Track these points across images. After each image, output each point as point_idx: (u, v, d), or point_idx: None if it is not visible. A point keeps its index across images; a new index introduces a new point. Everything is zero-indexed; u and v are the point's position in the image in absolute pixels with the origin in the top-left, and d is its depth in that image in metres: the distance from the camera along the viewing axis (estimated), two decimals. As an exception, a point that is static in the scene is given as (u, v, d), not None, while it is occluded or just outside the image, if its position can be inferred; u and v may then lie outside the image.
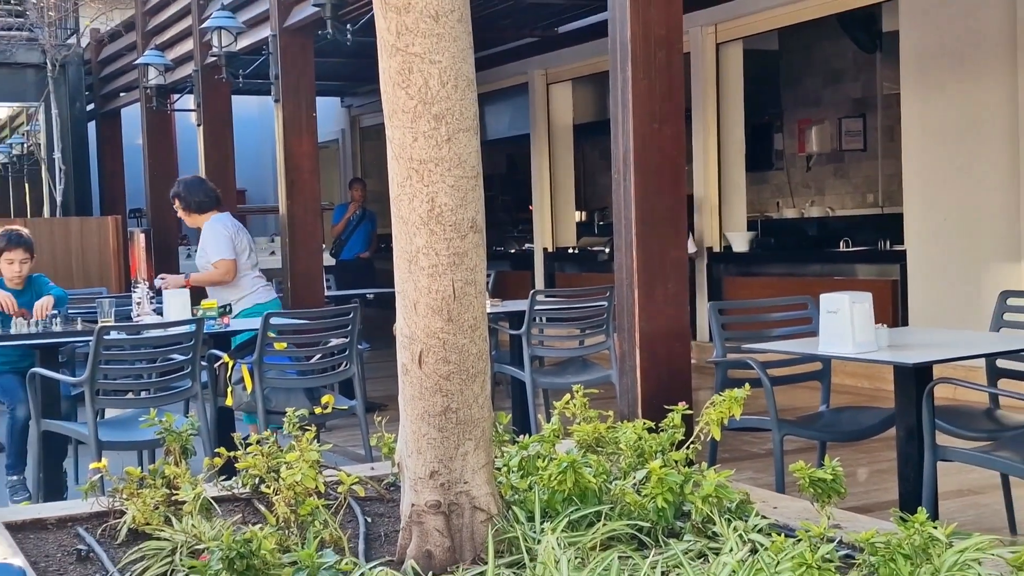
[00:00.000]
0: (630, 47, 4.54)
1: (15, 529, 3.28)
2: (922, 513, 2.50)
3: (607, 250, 10.87)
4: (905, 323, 7.86)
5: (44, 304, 6.02)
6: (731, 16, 9.46)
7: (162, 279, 6.93)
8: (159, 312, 6.47)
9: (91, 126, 13.99)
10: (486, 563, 2.65)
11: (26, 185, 15.40)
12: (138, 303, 6.32)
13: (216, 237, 6.78)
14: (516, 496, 3.09)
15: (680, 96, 4.73)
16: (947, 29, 7.61)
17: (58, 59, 12.85)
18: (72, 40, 13.44)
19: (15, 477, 5.86)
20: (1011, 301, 4.79)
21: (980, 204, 7.45)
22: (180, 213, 7.17)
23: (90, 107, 13.91)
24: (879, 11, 9.56)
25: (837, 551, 2.53)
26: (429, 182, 2.82)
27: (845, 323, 4.00)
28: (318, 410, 3.78)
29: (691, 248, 10.09)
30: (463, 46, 2.84)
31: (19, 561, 1.21)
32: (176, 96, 11.39)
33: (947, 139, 7.67)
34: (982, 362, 4.47)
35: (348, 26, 7.17)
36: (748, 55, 10.05)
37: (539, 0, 9.24)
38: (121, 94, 12.99)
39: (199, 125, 10.28)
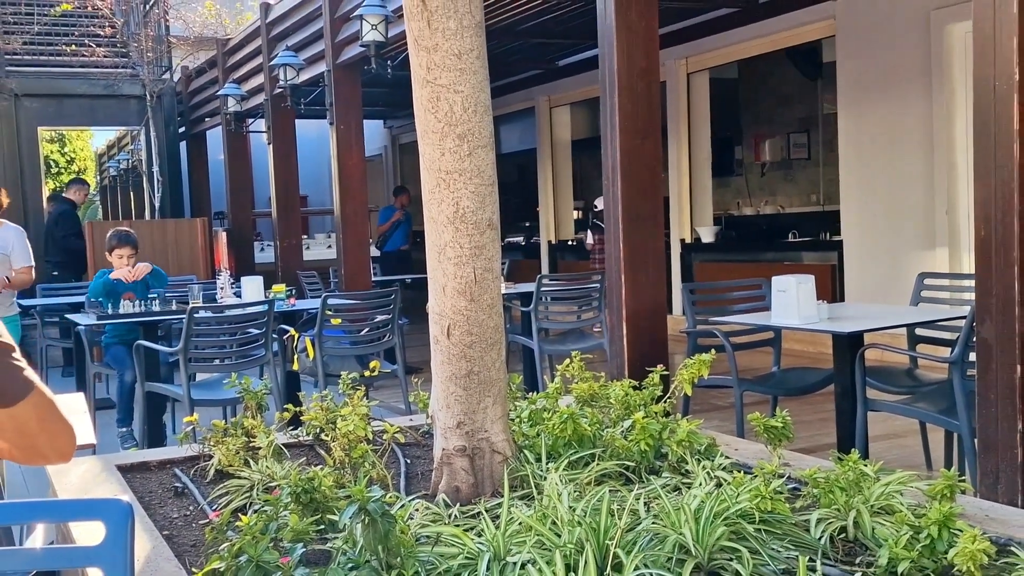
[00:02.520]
0: (617, 77, 4.53)
1: (125, 471, 3.29)
2: (855, 454, 2.49)
3: (587, 244, 10.78)
4: (842, 299, 7.83)
5: (140, 268, 6.03)
6: (699, 51, 9.41)
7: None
8: (238, 295, 6.48)
9: (182, 145, 14.00)
10: (503, 496, 2.65)
11: (131, 193, 15.44)
12: (221, 288, 6.34)
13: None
14: (526, 442, 3.08)
15: (657, 116, 4.71)
16: (875, 60, 7.56)
17: (155, 91, 12.85)
18: (166, 76, 13.43)
19: (124, 429, 5.89)
20: (927, 281, 4.77)
21: (902, 202, 7.41)
22: None
23: (181, 130, 13.91)
24: (820, 45, 9.49)
25: (786, 485, 2.53)
26: (454, 189, 2.81)
27: (792, 300, 3.99)
28: (367, 373, 3.78)
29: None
30: (481, 78, 2.82)
31: (127, 497, 1.21)
32: (250, 120, 11.40)
33: (875, 149, 7.63)
34: (904, 330, 4.44)
35: (388, 62, 7.15)
36: (713, 82, 10.00)
37: (543, 40, 9.19)
38: (206, 119, 13.00)
39: (269, 144, 10.27)
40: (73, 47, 12.97)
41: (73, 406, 2.24)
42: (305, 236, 12.50)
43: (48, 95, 12.74)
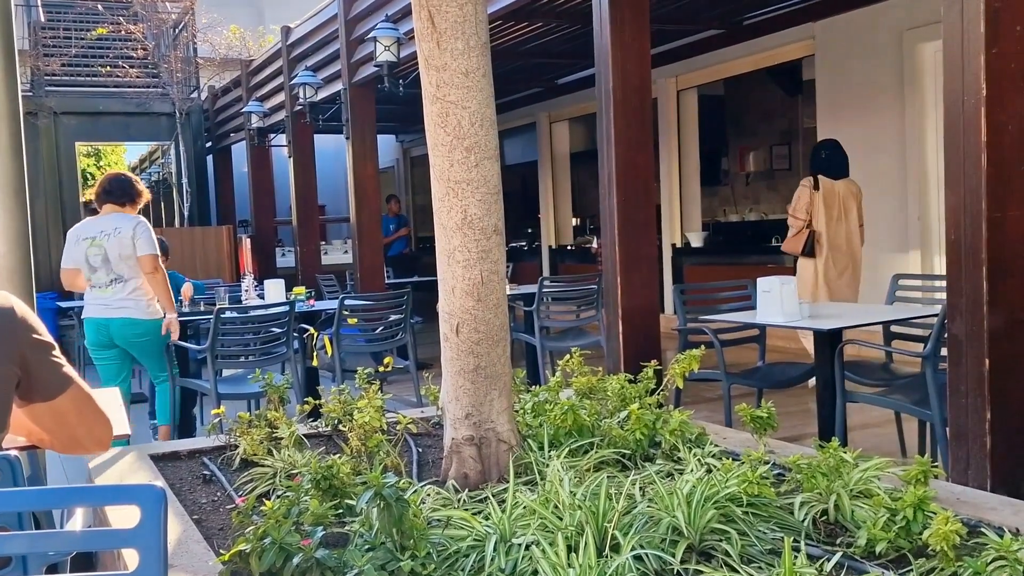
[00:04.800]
0: (612, 94, 4.52)
1: (157, 459, 3.30)
2: (835, 442, 2.48)
3: (592, 248, 10.83)
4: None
5: (187, 291, 6.03)
6: (688, 70, 9.40)
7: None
8: (261, 296, 6.48)
9: (209, 159, 14.02)
10: (508, 482, 2.64)
11: (162, 203, 15.46)
12: (246, 290, 6.34)
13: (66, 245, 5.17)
14: (530, 431, 3.08)
15: (650, 130, 4.71)
16: (851, 77, 7.55)
17: (184, 109, 12.87)
18: (194, 94, 13.46)
19: (155, 422, 5.89)
20: (901, 282, 4.76)
21: (877, 208, 7.39)
22: None
23: (208, 144, 13.93)
24: (800, 64, 9.48)
25: (772, 471, 2.52)
26: (462, 197, 2.81)
27: (776, 299, 3.98)
28: (381, 368, 3.77)
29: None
30: (487, 95, 2.82)
31: (160, 483, 1.21)
32: (272, 135, 11.41)
33: (851, 160, 7.58)
34: (880, 327, 4.44)
35: (400, 81, 7.15)
36: (701, 99, 9.99)
37: (543, 60, 9.19)
38: (231, 134, 13.00)
39: (290, 157, 10.27)
40: (108, 68, 13.00)
41: (109, 400, 2.24)
42: (323, 242, 12.51)
43: (85, 113, 12.76)
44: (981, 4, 2.69)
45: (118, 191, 4.96)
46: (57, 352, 1.85)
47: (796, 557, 1.89)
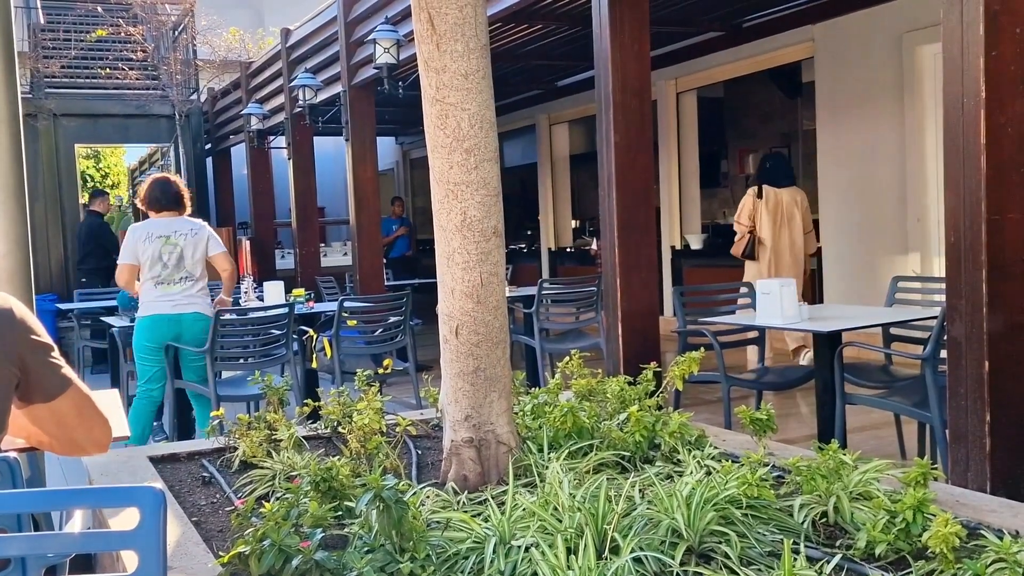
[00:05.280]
0: (612, 95, 4.52)
1: (156, 461, 3.29)
2: (834, 444, 2.48)
3: (591, 250, 10.83)
4: (821, 302, 7.81)
5: None
6: (688, 72, 9.41)
7: None
8: (261, 298, 6.48)
9: (208, 161, 14.01)
10: (508, 484, 2.64)
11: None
12: (245, 292, 6.33)
13: (125, 240, 5.20)
14: (529, 433, 3.07)
15: (649, 132, 4.71)
16: (851, 79, 7.56)
17: (183, 111, 12.87)
18: (194, 96, 13.46)
19: (155, 423, 5.88)
20: (900, 284, 4.76)
21: (876, 211, 7.40)
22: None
23: (207, 146, 13.93)
24: (799, 66, 9.49)
25: (771, 473, 2.52)
26: (462, 199, 2.81)
27: (776, 301, 3.98)
28: (380, 370, 3.77)
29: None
30: (487, 97, 2.82)
31: (159, 484, 1.21)
32: (272, 137, 11.41)
33: (851, 163, 7.62)
34: (879, 329, 4.44)
35: (400, 83, 7.15)
36: (701, 101, 9.99)
37: (543, 63, 9.20)
38: (230, 136, 13.01)
39: (289, 159, 10.27)
40: (108, 70, 13.01)
41: (108, 402, 2.24)
42: (322, 244, 12.50)
43: (84, 115, 12.76)
44: (980, 7, 2.70)
45: (176, 197, 5.19)
46: (56, 353, 1.85)
47: (796, 559, 1.89)
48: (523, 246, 13.47)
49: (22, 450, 1.91)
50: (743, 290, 5.06)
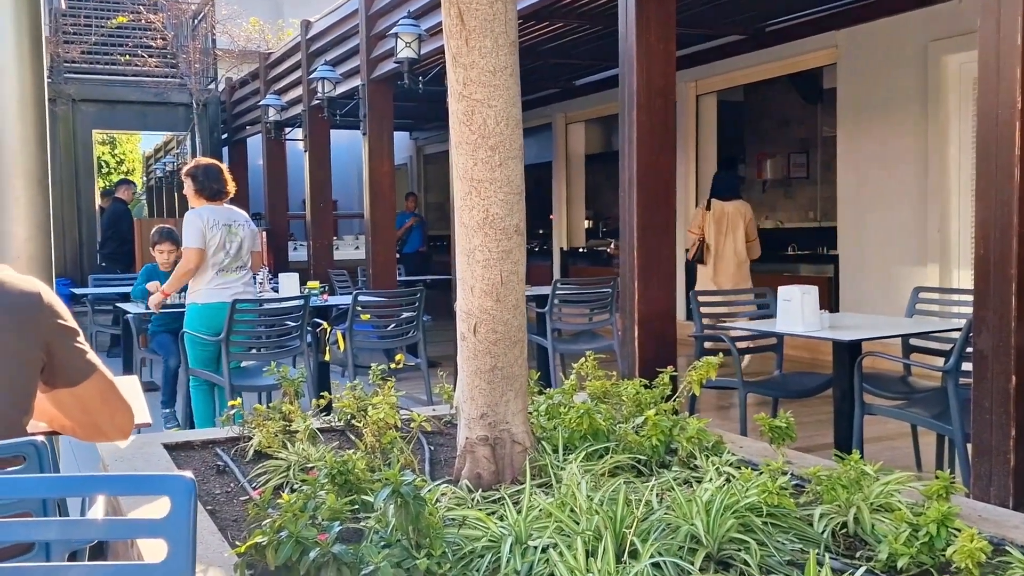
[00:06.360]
0: (636, 95, 4.50)
1: (170, 448, 3.29)
2: (856, 454, 2.46)
3: (608, 249, 10.82)
4: (836, 310, 7.78)
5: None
6: (708, 75, 9.38)
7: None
8: (275, 290, 6.49)
9: (224, 151, 14.05)
10: (523, 484, 2.63)
11: (175, 193, 15.51)
12: (260, 283, 6.34)
13: (189, 227, 5.17)
14: (544, 434, 3.06)
15: (673, 133, 4.69)
16: (874, 87, 7.52)
17: (201, 100, 12.91)
18: (212, 86, 13.50)
19: (167, 410, 5.91)
20: (922, 294, 4.73)
21: (895, 220, 7.36)
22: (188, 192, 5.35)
23: (224, 136, 13.97)
24: (821, 72, 9.45)
25: (791, 481, 2.50)
26: (485, 196, 2.80)
27: (796, 309, 3.95)
28: (392, 365, 3.77)
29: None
30: (513, 94, 2.81)
31: (189, 473, 1.20)
32: (288, 129, 11.43)
33: (871, 170, 7.59)
34: (898, 340, 4.41)
35: (420, 78, 7.14)
36: (720, 104, 9.97)
37: (561, 61, 9.19)
38: (247, 127, 13.04)
39: (305, 151, 10.29)
40: (127, 57, 13.05)
41: (129, 388, 2.24)
42: (335, 237, 12.52)
43: (102, 100, 12.82)
44: (1019, 16, 2.67)
45: (223, 187, 5.27)
46: (82, 339, 1.85)
47: (820, 570, 1.87)
48: (534, 245, 13.46)
49: (45, 434, 1.92)
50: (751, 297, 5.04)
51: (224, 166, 5.43)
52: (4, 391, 1.70)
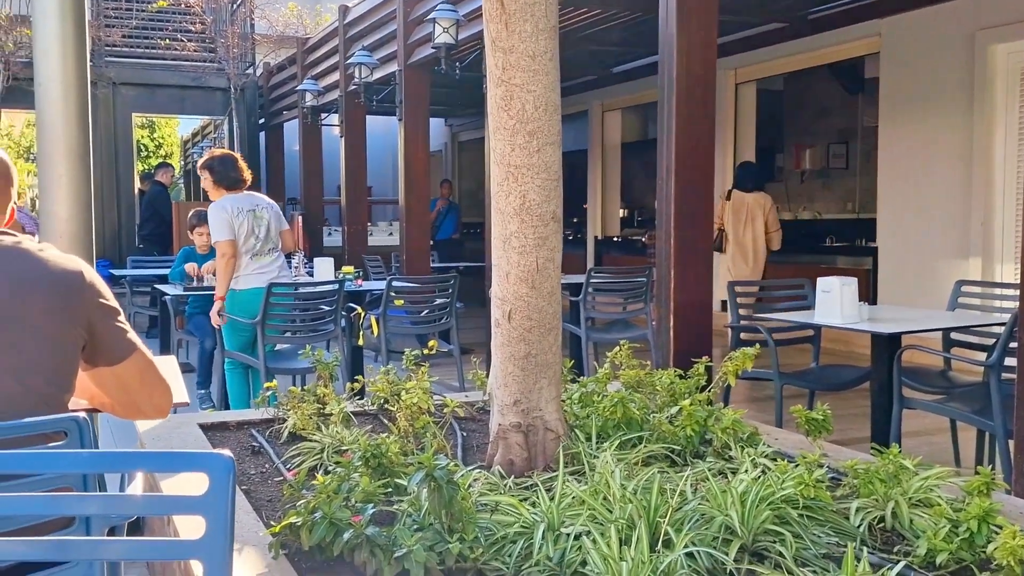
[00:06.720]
0: (675, 82, 4.46)
1: (205, 428, 3.34)
2: (895, 448, 2.43)
3: (643, 239, 10.76)
4: (874, 303, 7.67)
5: (208, 266, 6.11)
6: (747, 63, 9.27)
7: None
8: (310, 274, 6.53)
9: (261, 135, 14.16)
10: (555, 471, 2.63)
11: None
12: (296, 267, 6.38)
13: (215, 220, 5.15)
14: (577, 422, 3.06)
15: (712, 121, 4.63)
16: (918, 76, 7.38)
17: (239, 84, 13.01)
18: (249, 71, 13.58)
19: (203, 391, 5.98)
20: (964, 288, 4.64)
21: (937, 213, 7.24)
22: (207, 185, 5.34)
23: (261, 121, 14.06)
24: (862, 61, 9.30)
25: (827, 474, 2.47)
26: (522, 182, 2.79)
27: (835, 300, 3.90)
28: (425, 351, 3.78)
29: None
30: (553, 79, 2.80)
31: (228, 452, 1.21)
32: (325, 115, 11.48)
33: (913, 161, 7.46)
34: (937, 333, 4.33)
35: (457, 63, 7.13)
36: (759, 93, 9.85)
37: (599, 48, 9.12)
38: (284, 112, 13.12)
39: (341, 137, 10.33)
40: (166, 41, 13.18)
41: (167, 368, 2.27)
42: (368, 223, 12.58)
43: (142, 84, 12.96)
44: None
45: (243, 173, 5.31)
46: (123, 318, 1.87)
47: (858, 564, 1.85)
48: (568, 233, 13.42)
49: (85, 411, 1.94)
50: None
51: (239, 155, 5.46)
52: (47, 369, 1.73)
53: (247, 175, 5.31)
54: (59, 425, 1.63)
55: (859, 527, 2.23)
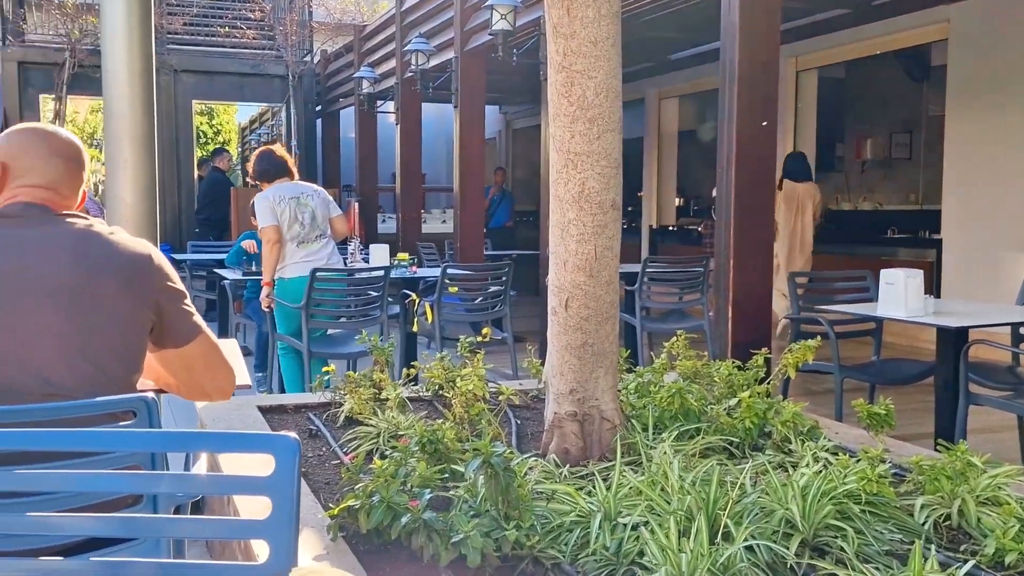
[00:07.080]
0: (737, 69, 4.38)
1: (264, 411, 3.40)
2: (963, 444, 2.37)
3: (699, 229, 10.64)
4: (937, 296, 7.49)
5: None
6: (809, 50, 9.09)
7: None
8: (366, 260, 6.58)
9: (318, 122, 14.30)
10: (610, 461, 2.62)
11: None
12: (351, 253, 6.45)
13: (259, 207, 5.25)
14: (633, 412, 3.04)
15: (774, 110, 4.55)
16: (988, 64, 7.16)
17: (297, 72, 13.15)
18: (307, 58, 13.73)
19: (260, 374, 6.07)
20: (1034, 282, 4.51)
21: (1006, 205, 7.03)
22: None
23: (318, 108, 14.21)
24: (928, 49, 9.05)
25: (890, 470, 2.43)
26: (581, 170, 2.78)
27: (900, 293, 3.81)
28: (479, 338, 3.78)
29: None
30: (614, 65, 2.77)
31: (293, 434, 1.23)
32: (380, 102, 11.54)
33: (981, 151, 7.25)
34: (1007, 328, 4.21)
35: (514, 50, 7.11)
36: (821, 81, 9.65)
37: (657, 35, 9.02)
38: (340, 99, 13.22)
39: (397, 124, 10.38)
40: (226, 29, 13.37)
41: (230, 351, 2.31)
42: (422, 210, 12.64)
43: (202, 71, 13.18)
44: None
45: (283, 165, 5.38)
46: (188, 301, 1.91)
47: (925, 561, 1.81)
48: (624, 222, 13.31)
49: (152, 392, 1.99)
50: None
51: (276, 147, 5.52)
52: (116, 350, 1.77)
53: (290, 162, 5.37)
54: (129, 405, 1.67)
55: (924, 524, 2.19)
